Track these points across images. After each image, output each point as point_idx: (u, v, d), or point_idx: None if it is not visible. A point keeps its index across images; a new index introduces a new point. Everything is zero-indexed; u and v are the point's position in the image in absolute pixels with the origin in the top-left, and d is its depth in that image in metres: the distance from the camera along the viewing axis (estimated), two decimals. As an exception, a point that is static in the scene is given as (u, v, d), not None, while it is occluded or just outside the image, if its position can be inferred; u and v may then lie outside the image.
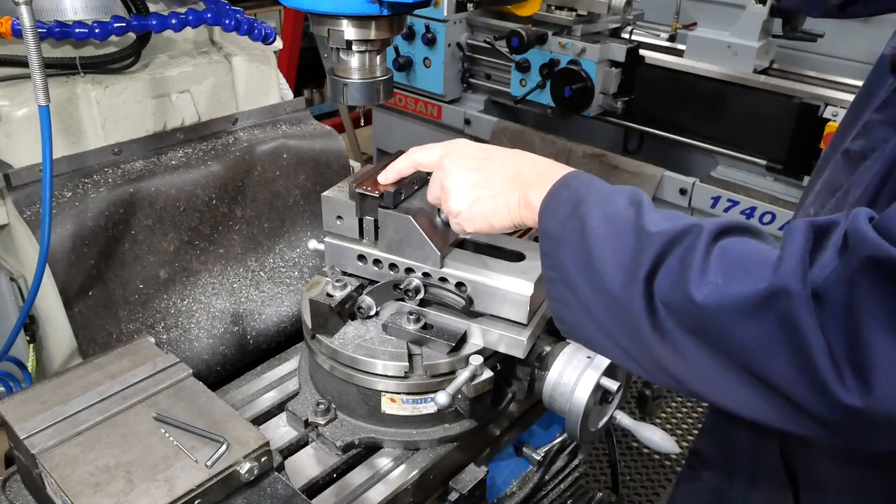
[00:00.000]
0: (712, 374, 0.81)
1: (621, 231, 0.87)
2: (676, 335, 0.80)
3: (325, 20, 1.14)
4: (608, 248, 0.87)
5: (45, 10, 1.52)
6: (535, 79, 3.76)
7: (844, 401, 0.70)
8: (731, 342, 0.76)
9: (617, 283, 0.85)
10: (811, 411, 0.74)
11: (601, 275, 0.87)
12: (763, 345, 0.74)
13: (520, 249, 1.31)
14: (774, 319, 0.73)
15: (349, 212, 1.31)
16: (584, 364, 1.25)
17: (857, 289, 0.70)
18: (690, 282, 0.78)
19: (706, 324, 0.77)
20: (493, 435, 1.39)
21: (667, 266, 0.81)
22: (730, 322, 0.76)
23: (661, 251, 0.82)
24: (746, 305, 0.74)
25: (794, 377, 0.73)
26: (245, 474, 1.05)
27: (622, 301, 0.85)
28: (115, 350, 1.27)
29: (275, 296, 1.72)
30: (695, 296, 0.77)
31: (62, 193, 1.46)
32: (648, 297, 0.82)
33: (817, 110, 2.95)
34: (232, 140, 1.77)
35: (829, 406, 0.72)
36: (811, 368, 0.71)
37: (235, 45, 1.82)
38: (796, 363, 0.72)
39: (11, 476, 1.18)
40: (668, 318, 0.81)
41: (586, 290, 0.90)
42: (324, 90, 5.96)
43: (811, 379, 0.72)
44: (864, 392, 0.70)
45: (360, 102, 1.23)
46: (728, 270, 0.77)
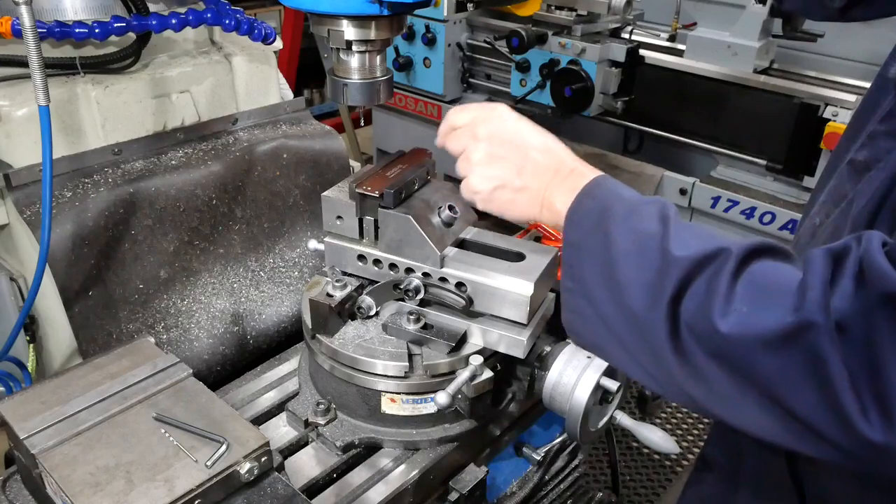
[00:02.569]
0: (733, 398, 0.81)
1: (647, 250, 0.85)
2: (699, 359, 0.80)
3: (325, 20, 1.14)
4: (633, 267, 0.86)
5: (45, 10, 1.52)
6: (535, 79, 3.76)
7: (867, 435, 0.71)
8: (754, 371, 0.76)
9: (641, 304, 0.85)
10: (833, 441, 0.75)
11: (624, 293, 0.86)
12: (787, 376, 0.74)
13: (520, 249, 1.31)
14: (800, 353, 0.73)
15: (349, 212, 1.31)
16: (584, 364, 1.26)
17: (875, 324, 0.70)
18: (715, 310, 0.77)
19: (729, 352, 0.77)
20: (493, 435, 1.39)
21: (692, 291, 0.81)
22: (754, 352, 0.75)
23: (686, 276, 0.81)
24: (772, 338, 0.74)
25: (817, 408, 0.73)
26: (245, 474, 1.05)
27: (645, 322, 0.84)
28: (115, 350, 1.27)
29: (275, 296, 1.72)
30: (719, 326, 0.77)
31: (62, 193, 1.46)
32: (672, 321, 0.81)
33: (817, 110, 2.95)
34: (232, 140, 1.77)
35: (852, 438, 0.72)
36: (835, 401, 0.71)
37: (235, 45, 1.82)
38: (820, 395, 0.72)
39: (11, 476, 1.18)
40: (691, 341, 0.80)
41: (607, 305, 0.89)
42: (324, 90, 5.96)
43: (835, 411, 0.72)
44: (888, 428, 0.70)
45: (360, 103, 1.22)
46: (753, 299, 0.77)
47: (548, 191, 1.03)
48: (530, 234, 1.78)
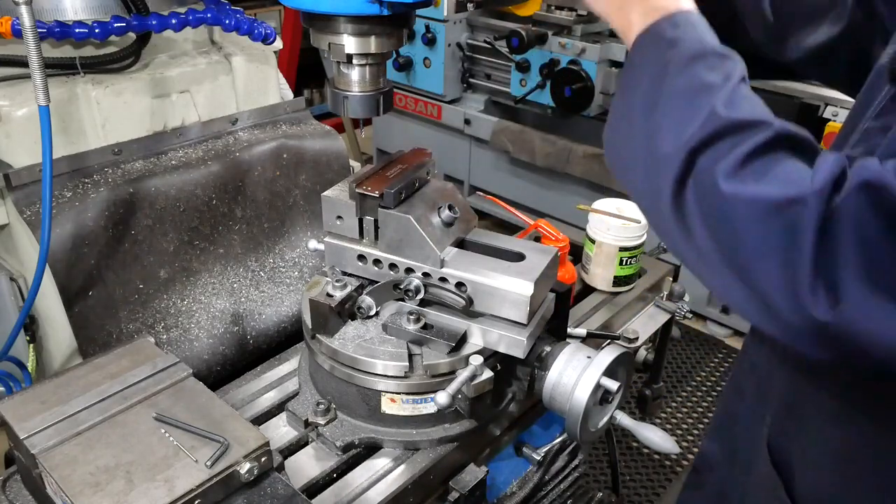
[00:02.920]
0: (710, 261, 0.85)
1: (696, 98, 0.86)
2: (693, 216, 0.84)
3: (325, 34, 1.14)
4: (675, 108, 0.87)
5: (45, 10, 1.52)
6: (535, 79, 3.76)
7: (812, 312, 0.76)
8: (736, 236, 0.81)
9: (668, 142, 0.86)
10: (783, 316, 0.80)
11: (658, 127, 0.88)
12: (763, 245, 0.79)
13: (520, 249, 1.31)
14: (782, 225, 0.77)
15: (349, 212, 1.31)
16: (584, 364, 1.25)
17: (847, 211, 0.75)
18: (724, 170, 0.81)
19: (721, 212, 0.81)
20: (493, 435, 1.39)
21: (715, 147, 0.83)
22: (742, 217, 0.79)
23: (717, 132, 0.83)
24: (763, 205, 0.78)
25: (778, 281, 0.78)
26: (245, 474, 1.05)
27: (662, 160, 0.87)
28: (115, 350, 1.27)
29: (275, 296, 1.72)
30: (721, 184, 0.80)
31: (62, 193, 1.46)
32: (686, 168, 0.84)
33: (817, 110, 2.95)
34: (232, 140, 1.77)
35: (799, 314, 0.78)
36: (794, 275, 0.76)
37: (235, 45, 1.82)
38: (784, 269, 0.77)
39: (11, 476, 1.18)
40: (691, 193, 0.84)
41: (641, 131, 0.91)
42: (324, 90, 5.96)
43: (791, 286, 0.77)
44: (831, 307, 0.75)
45: (360, 115, 1.23)
46: (763, 176, 0.80)
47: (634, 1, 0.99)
48: (530, 234, 1.78)
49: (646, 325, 1.77)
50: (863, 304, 0.75)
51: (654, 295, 1.86)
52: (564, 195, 4.07)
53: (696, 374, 3.57)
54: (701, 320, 3.89)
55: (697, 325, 3.90)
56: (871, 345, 0.77)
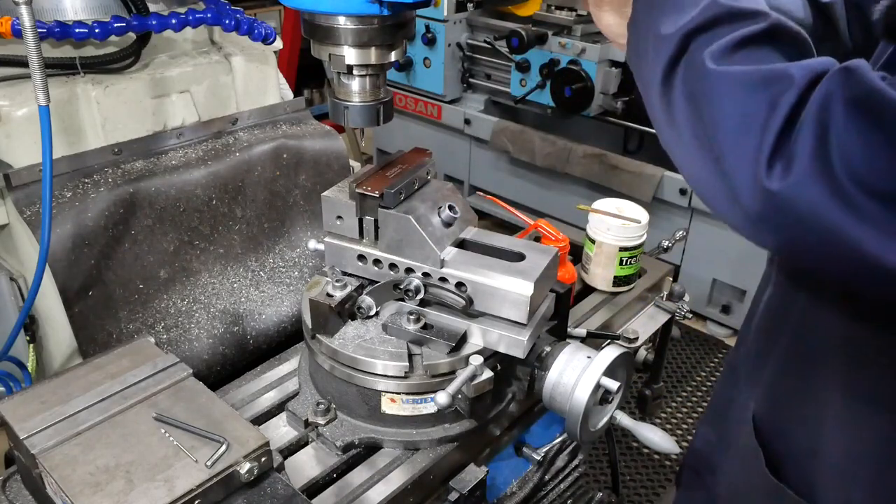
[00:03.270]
0: (687, 144, 0.88)
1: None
2: (677, 93, 0.87)
3: (326, 45, 1.15)
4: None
5: (45, 10, 1.52)
6: (535, 79, 3.76)
7: (764, 182, 0.79)
8: (710, 113, 0.83)
9: (666, 26, 0.89)
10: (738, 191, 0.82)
11: (661, 12, 0.91)
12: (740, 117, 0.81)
13: (520, 249, 1.31)
14: (765, 97, 0.79)
15: (349, 212, 1.31)
16: (584, 364, 1.25)
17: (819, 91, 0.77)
18: (714, 53, 0.83)
19: (705, 89, 0.84)
20: (493, 435, 1.39)
21: (711, 33, 0.86)
22: (725, 91, 0.82)
23: (715, 18, 0.86)
24: (750, 79, 0.81)
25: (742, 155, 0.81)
26: (245, 474, 1.05)
27: (660, 41, 0.90)
28: (115, 350, 1.27)
29: (275, 296, 1.72)
30: (708, 64, 0.83)
31: (62, 193, 1.46)
32: (680, 49, 0.87)
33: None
34: (232, 140, 1.77)
35: (752, 186, 0.80)
36: (759, 150, 0.79)
37: (235, 45, 1.82)
38: (752, 143, 0.80)
39: (11, 476, 1.18)
40: (681, 74, 0.87)
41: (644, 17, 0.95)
42: (324, 90, 5.96)
43: (754, 160, 0.79)
44: (782, 178, 0.78)
45: (361, 125, 1.24)
46: (751, 60, 0.83)
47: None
48: (530, 234, 1.78)
49: (646, 325, 1.77)
50: (808, 178, 0.76)
51: (654, 295, 1.86)
52: (564, 195, 4.07)
53: (696, 374, 3.57)
54: (701, 320, 3.89)
55: (697, 325, 3.90)
56: (807, 223, 0.78)
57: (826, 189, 0.75)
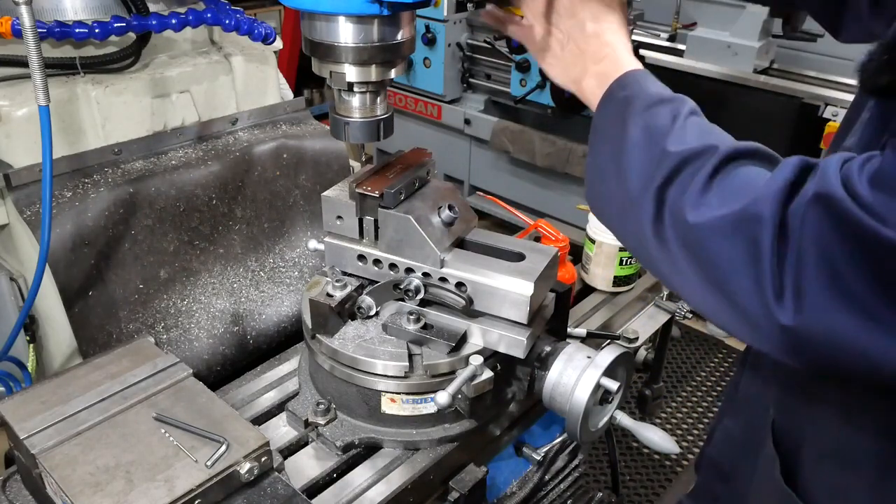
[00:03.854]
0: (692, 282, 0.91)
1: (652, 143, 0.95)
2: (672, 244, 0.91)
3: (327, 62, 1.16)
4: (637, 156, 0.96)
5: (45, 10, 1.52)
6: (535, 79, 3.76)
7: (779, 317, 0.80)
8: (708, 256, 0.87)
9: (636, 188, 0.95)
10: (756, 323, 0.84)
11: (626, 177, 0.97)
12: (731, 261, 0.84)
13: (520, 249, 1.31)
14: (743, 241, 0.82)
15: (349, 212, 1.31)
16: (584, 364, 1.25)
17: (805, 220, 0.79)
18: (688, 202, 0.88)
19: (692, 239, 0.88)
20: (493, 435, 1.39)
21: (677, 182, 0.91)
22: (709, 238, 0.86)
23: (675, 168, 0.91)
24: (724, 226, 0.84)
25: (749, 292, 0.83)
26: (245, 474, 1.05)
27: (637, 204, 0.95)
28: (115, 350, 1.28)
29: (275, 296, 1.72)
30: (688, 216, 0.88)
31: (62, 193, 1.46)
32: (657, 206, 0.92)
33: (817, 110, 2.95)
34: (232, 140, 1.77)
35: (769, 321, 0.82)
36: (761, 287, 0.81)
37: (235, 45, 1.82)
38: (753, 282, 0.82)
39: (11, 476, 1.18)
40: (668, 226, 0.91)
41: (613, 183, 1.01)
42: (324, 90, 5.96)
43: (761, 297, 0.82)
44: (797, 313, 0.79)
45: (361, 140, 1.25)
46: (724, 195, 0.86)
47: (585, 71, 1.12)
48: (530, 234, 1.78)
49: (646, 325, 1.77)
50: (824, 308, 0.78)
51: (654, 295, 1.86)
52: (564, 195, 4.07)
53: (696, 374, 3.57)
54: (701, 320, 3.89)
55: (697, 325, 3.90)
56: (833, 348, 0.81)
57: (841, 317, 0.77)
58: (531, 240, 1.56)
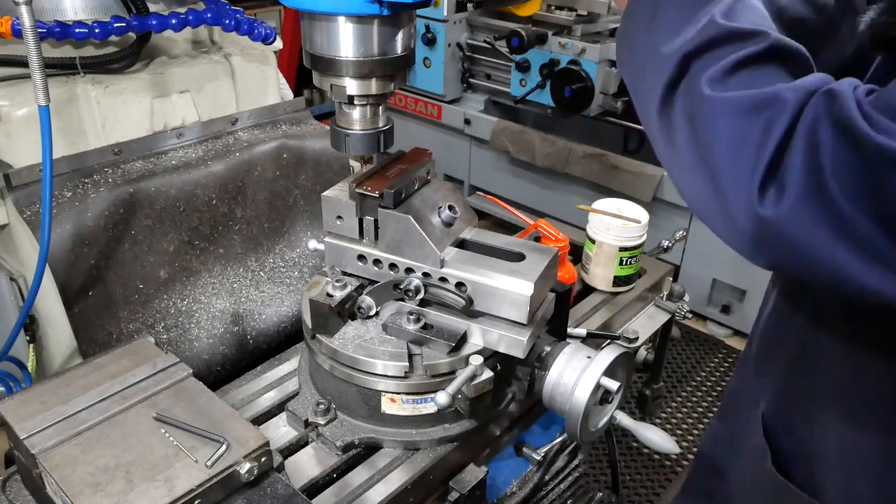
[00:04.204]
0: (686, 165, 0.90)
1: (698, 7, 0.90)
2: (677, 113, 0.88)
3: (327, 76, 1.17)
4: (677, 14, 0.91)
5: (45, 10, 1.52)
6: (535, 79, 3.76)
7: (757, 208, 0.80)
8: (710, 135, 0.84)
9: (665, 45, 0.90)
10: (734, 215, 0.83)
11: (658, 32, 0.92)
12: (733, 143, 0.82)
13: (520, 249, 1.31)
14: (759, 121, 0.81)
15: (349, 212, 1.31)
16: (584, 364, 1.25)
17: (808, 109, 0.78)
18: (710, 76, 0.85)
19: (701, 113, 0.85)
20: (493, 435, 1.39)
21: (710, 55, 0.86)
22: (719, 116, 0.83)
23: (712, 40, 0.86)
24: (741, 104, 0.82)
25: (737, 177, 0.82)
26: (245, 474, 1.05)
27: (659, 61, 0.90)
28: (115, 350, 1.27)
29: (275, 296, 1.72)
30: (703, 88, 0.85)
31: (62, 193, 1.46)
32: (679, 72, 0.88)
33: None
34: (232, 140, 1.77)
35: (746, 209, 0.82)
36: (753, 173, 0.81)
37: (235, 45, 1.83)
38: (746, 166, 0.81)
39: (11, 476, 1.18)
40: (680, 97, 0.88)
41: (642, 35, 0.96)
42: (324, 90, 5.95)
43: (748, 183, 0.81)
44: (775, 205, 0.79)
45: (361, 152, 1.27)
46: (749, 83, 0.83)
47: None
48: (530, 234, 1.78)
49: (646, 325, 1.77)
50: (798, 204, 0.78)
51: (654, 295, 1.86)
52: (564, 195, 4.07)
53: (696, 374, 3.57)
54: (701, 320, 3.89)
55: (697, 325, 3.90)
56: (800, 249, 0.80)
57: (817, 214, 0.77)
58: (531, 240, 1.56)
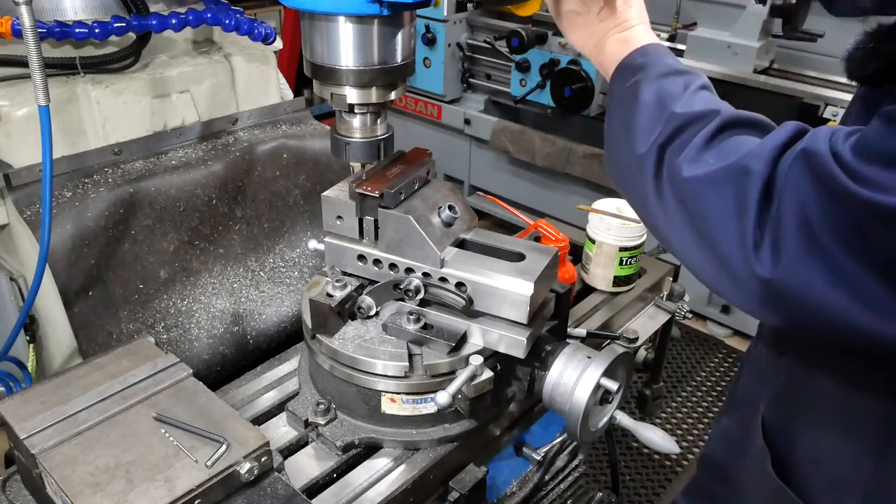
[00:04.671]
0: (684, 237, 0.95)
1: (660, 105, 1.00)
2: (668, 201, 0.95)
3: (328, 85, 1.17)
4: (645, 117, 1.01)
5: (45, 10, 1.52)
6: (535, 79, 3.76)
7: (758, 271, 0.84)
8: (698, 210, 0.91)
9: (641, 146, 1.00)
10: (738, 279, 0.88)
11: (634, 137, 1.02)
12: (718, 214, 0.88)
13: (520, 249, 1.31)
14: (732, 192, 0.86)
15: (349, 212, 1.31)
16: (584, 364, 1.25)
17: (789, 173, 0.82)
18: (686, 160, 0.92)
19: (686, 193, 0.92)
20: (493, 435, 1.39)
21: (678, 141, 0.96)
22: (701, 191, 0.90)
23: (677, 128, 0.96)
24: (715, 179, 0.88)
25: (731, 245, 0.87)
26: (245, 474, 1.05)
27: (640, 161, 1.00)
28: (115, 350, 1.27)
29: (275, 296, 1.72)
30: (683, 172, 0.92)
31: (62, 193, 1.46)
32: (658, 163, 0.97)
33: (817, 110, 2.95)
34: (232, 140, 1.77)
35: (749, 275, 0.85)
36: (743, 239, 0.85)
37: (235, 45, 1.82)
38: (736, 234, 0.86)
39: (11, 476, 1.18)
40: (666, 183, 0.96)
41: (623, 144, 1.05)
42: (324, 90, 5.94)
43: (742, 249, 0.85)
44: (774, 266, 0.83)
45: (361, 160, 1.27)
46: (720, 153, 0.90)
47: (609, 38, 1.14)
48: (530, 234, 1.78)
49: (646, 325, 1.77)
50: (797, 261, 0.81)
51: (654, 295, 1.86)
52: (564, 195, 4.07)
53: (696, 374, 3.57)
54: (701, 320, 3.89)
55: (697, 325, 3.90)
56: (805, 304, 0.83)
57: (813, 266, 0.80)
58: (531, 240, 1.56)
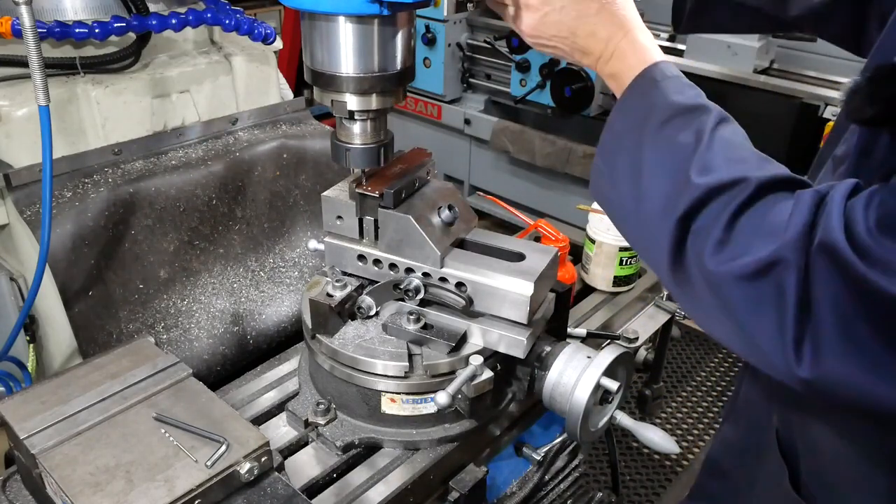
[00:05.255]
0: (713, 316, 0.90)
1: (676, 169, 0.90)
2: (696, 283, 0.89)
3: (328, 91, 1.17)
4: (657, 177, 0.92)
5: (45, 10, 1.52)
6: (535, 79, 3.76)
7: (798, 373, 0.81)
8: (731, 300, 0.85)
9: (655, 212, 0.92)
10: (779, 370, 0.84)
11: (644, 197, 0.93)
12: (755, 305, 0.83)
13: (520, 249, 1.31)
14: (769, 286, 0.81)
15: (349, 212, 1.31)
16: (584, 364, 1.25)
17: (815, 270, 0.78)
18: (710, 247, 0.85)
19: (716, 283, 0.86)
20: (493, 435, 1.39)
21: (702, 219, 0.87)
22: (732, 285, 0.84)
23: (699, 201, 0.87)
24: (748, 272, 0.82)
25: (771, 338, 0.82)
26: (245, 474, 1.05)
27: (656, 228, 0.92)
28: (115, 350, 1.27)
29: (275, 296, 1.72)
30: (708, 263, 0.85)
31: (62, 193, 1.46)
32: (678, 237, 0.89)
33: (817, 110, 2.95)
34: (232, 140, 1.77)
35: (787, 371, 0.82)
36: (783, 335, 0.81)
37: (235, 45, 1.82)
38: (775, 326, 0.81)
39: (11, 476, 1.18)
40: (693, 265, 0.88)
41: (628, 200, 0.97)
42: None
43: (781, 345, 0.81)
44: (814, 367, 0.80)
45: (362, 166, 1.27)
46: (747, 237, 0.84)
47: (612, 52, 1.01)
48: (530, 234, 1.78)
49: (646, 325, 1.77)
50: (838, 359, 0.79)
51: (654, 295, 1.86)
52: (564, 195, 4.07)
53: (696, 374, 3.57)
54: (701, 320, 3.89)
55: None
56: (847, 395, 0.82)
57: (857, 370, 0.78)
58: (531, 240, 1.56)
